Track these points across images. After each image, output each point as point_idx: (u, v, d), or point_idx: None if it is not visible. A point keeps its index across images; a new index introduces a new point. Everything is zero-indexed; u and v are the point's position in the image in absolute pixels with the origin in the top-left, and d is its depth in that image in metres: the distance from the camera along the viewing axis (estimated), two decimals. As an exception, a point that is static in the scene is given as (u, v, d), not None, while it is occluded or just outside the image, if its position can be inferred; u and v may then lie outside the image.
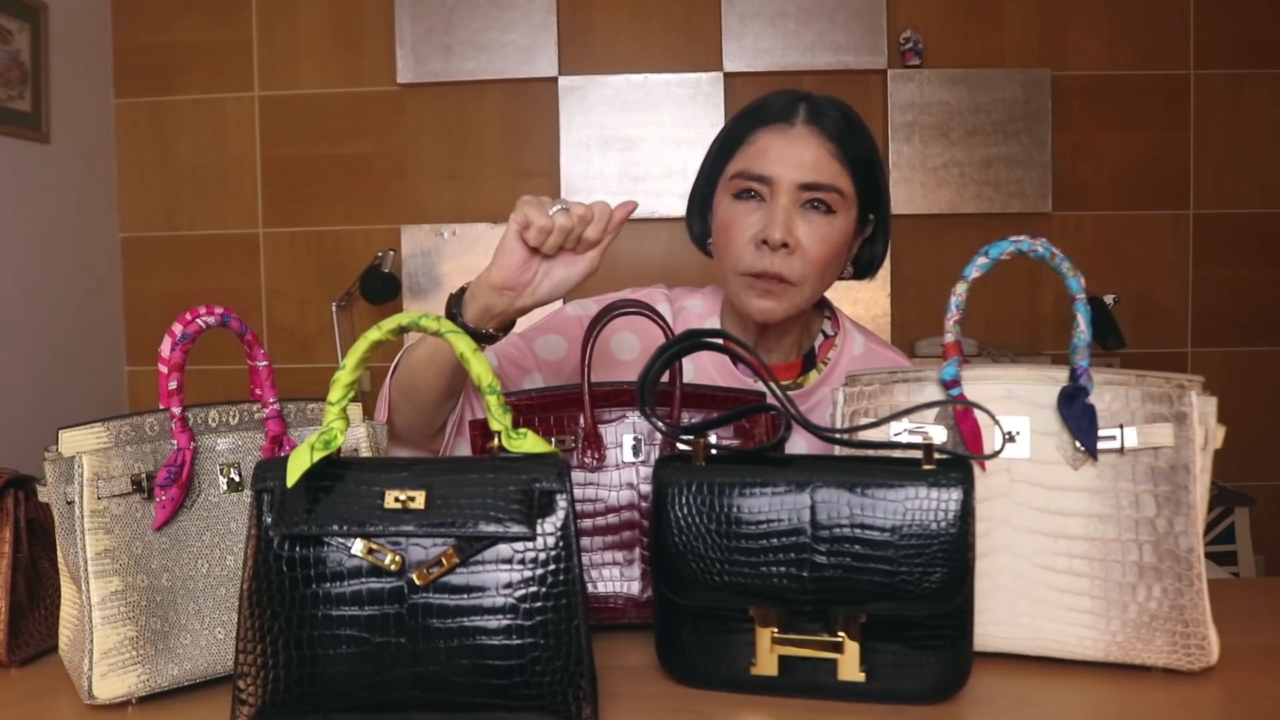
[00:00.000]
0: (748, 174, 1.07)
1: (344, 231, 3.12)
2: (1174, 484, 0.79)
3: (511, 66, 2.97)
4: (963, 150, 2.96)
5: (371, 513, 0.69)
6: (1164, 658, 0.78)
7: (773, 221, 1.04)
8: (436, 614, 0.68)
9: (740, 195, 1.07)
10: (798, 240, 1.05)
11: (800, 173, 1.05)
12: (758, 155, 1.07)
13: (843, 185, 1.07)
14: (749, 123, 1.10)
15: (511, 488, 0.70)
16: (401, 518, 0.69)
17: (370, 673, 0.68)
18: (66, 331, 2.87)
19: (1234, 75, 3.04)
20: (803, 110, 1.09)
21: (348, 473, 0.71)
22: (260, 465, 0.72)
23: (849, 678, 0.73)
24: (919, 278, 3.06)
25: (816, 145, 1.07)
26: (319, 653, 0.68)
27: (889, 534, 0.71)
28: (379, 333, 0.73)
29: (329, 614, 0.68)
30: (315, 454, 0.70)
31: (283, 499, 0.70)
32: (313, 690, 0.68)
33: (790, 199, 1.06)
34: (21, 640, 0.87)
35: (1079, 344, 0.80)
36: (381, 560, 0.68)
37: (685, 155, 3.03)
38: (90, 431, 0.78)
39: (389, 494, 0.70)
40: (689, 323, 1.19)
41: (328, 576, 0.69)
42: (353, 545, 0.69)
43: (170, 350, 0.79)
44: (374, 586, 0.69)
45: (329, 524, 0.69)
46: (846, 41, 2.96)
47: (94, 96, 3.06)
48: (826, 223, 1.06)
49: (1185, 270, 3.08)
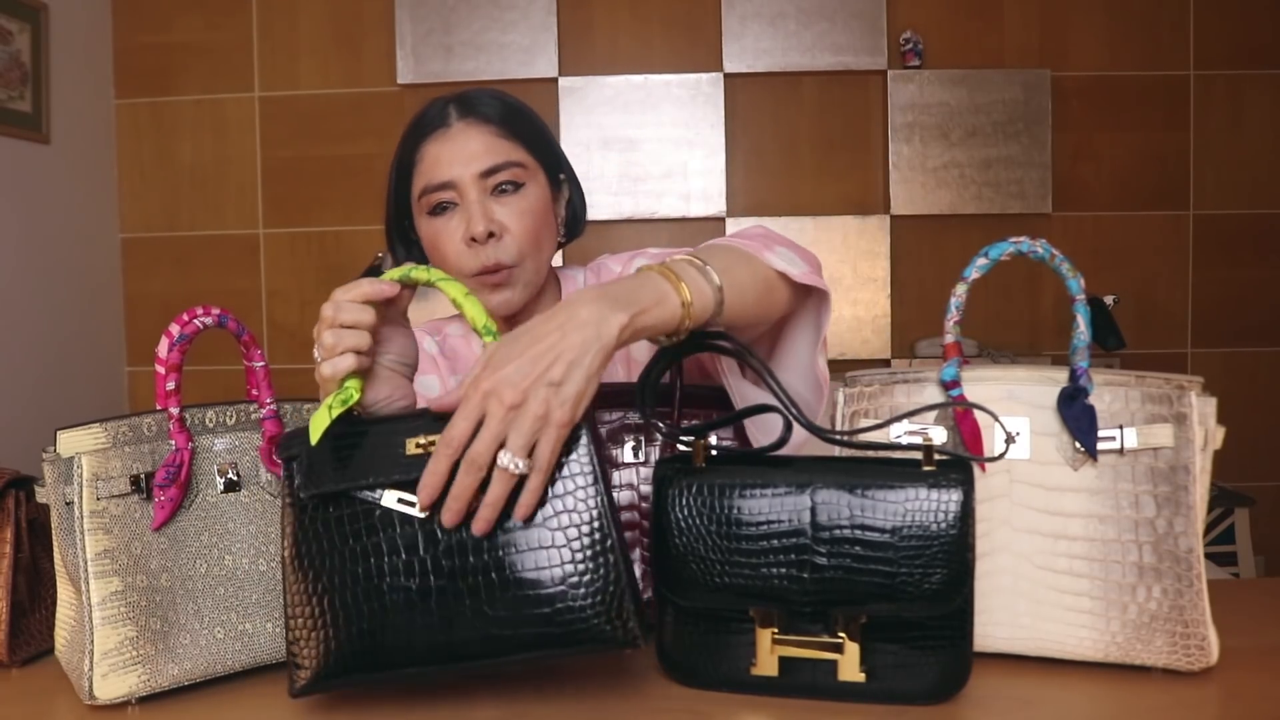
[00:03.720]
0: (430, 186, 1.08)
1: (344, 232, 3.12)
2: (1174, 485, 0.79)
3: (512, 67, 2.98)
4: (963, 151, 2.96)
5: (396, 462, 0.71)
6: (1164, 658, 0.78)
7: (471, 218, 1.06)
8: (471, 552, 0.69)
9: (434, 211, 1.08)
10: (501, 224, 1.07)
11: (475, 164, 1.07)
12: (431, 166, 1.08)
13: (519, 157, 1.09)
14: (411, 142, 1.11)
15: None
16: (425, 462, 0.70)
17: (414, 621, 0.69)
18: (66, 331, 2.87)
19: (1234, 76, 3.04)
20: (453, 110, 1.10)
21: (368, 429, 0.73)
22: (286, 436, 0.75)
23: (849, 678, 0.73)
24: (919, 278, 3.06)
25: (479, 133, 1.08)
26: (366, 607, 0.70)
27: (889, 535, 0.70)
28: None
29: (369, 567, 0.70)
30: (333, 411, 0.72)
31: (310, 462, 0.72)
32: (367, 645, 0.70)
33: (478, 191, 1.07)
34: (22, 640, 0.87)
35: (1079, 345, 0.80)
36: (411, 506, 0.70)
37: (685, 156, 3.03)
38: (88, 432, 0.78)
39: (409, 441, 0.71)
40: (458, 350, 1.20)
41: (363, 531, 0.71)
42: (382, 496, 0.71)
43: (168, 351, 0.79)
44: (408, 533, 0.70)
45: (357, 478, 0.71)
46: (846, 42, 2.96)
47: (94, 97, 3.06)
48: (520, 198, 1.08)
49: (1185, 270, 3.09)
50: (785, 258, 0.89)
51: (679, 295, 0.77)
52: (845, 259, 3.00)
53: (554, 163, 1.15)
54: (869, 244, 3.01)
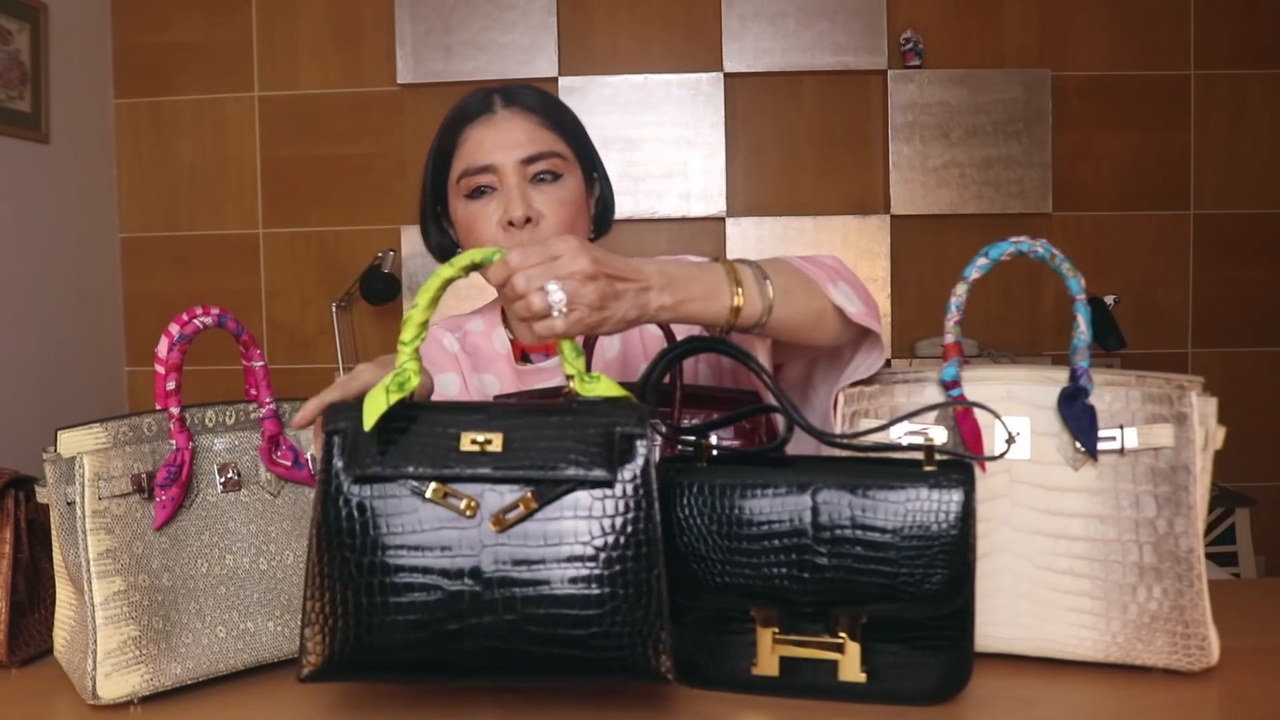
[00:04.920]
0: (471, 169, 1.09)
1: (344, 232, 3.12)
2: (1174, 485, 0.79)
3: (511, 67, 2.97)
4: (963, 151, 2.96)
5: (447, 455, 0.66)
6: (1164, 658, 0.78)
7: (510, 202, 1.07)
8: (512, 561, 0.65)
9: (473, 195, 1.10)
10: (539, 212, 1.08)
11: (518, 150, 1.08)
12: (473, 150, 1.10)
13: (559, 149, 1.11)
14: (454, 127, 1.13)
15: (591, 431, 0.67)
16: (478, 460, 0.66)
17: (442, 622, 0.65)
18: (66, 331, 2.87)
19: (1234, 75, 3.04)
20: (498, 99, 1.12)
21: (421, 414, 0.69)
22: (333, 408, 0.70)
23: (850, 678, 0.73)
24: (919, 278, 3.06)
25: (523, 122, 1.10)
26: (389, 600, 0.65)
27: (890, 535, 0.71)
28: (452, 269, 0.71)
29: (400, 561, 0.65)
30: (391, 396, 0.68)
31: (355, 442, 0.67)
32: (387, 641, 0.65)
33: (518, 177, 1.08)
34: (22, 640, 0.87)
35: (1079, 344, 0.80)
36: (456, 505, 0.66)
37: (685, 156, 3.03)
38: (89, 432, 0.78)
39: (465, 436, 0.67)
40: (479, 346, 1.21)
41: (400, 522, 0.66)
42: (427, 489, 0.66)
43: (167, 351, 0.79)
44: (448, 532, 0.66)
45: (403, 466, 0.66)
46: (846, 42, 2.96)
47: (94, 96, 3.06)
48: (559, 188, 1.10)
49: (1185, 270, 3.08)
50: (845, 294, 0.92)
51: (732, 299, 0.82)
52: (845, 259, 2.97)
53: (589, 159, 1.17)
54: (869, 244, 3.01)
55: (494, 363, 1.19)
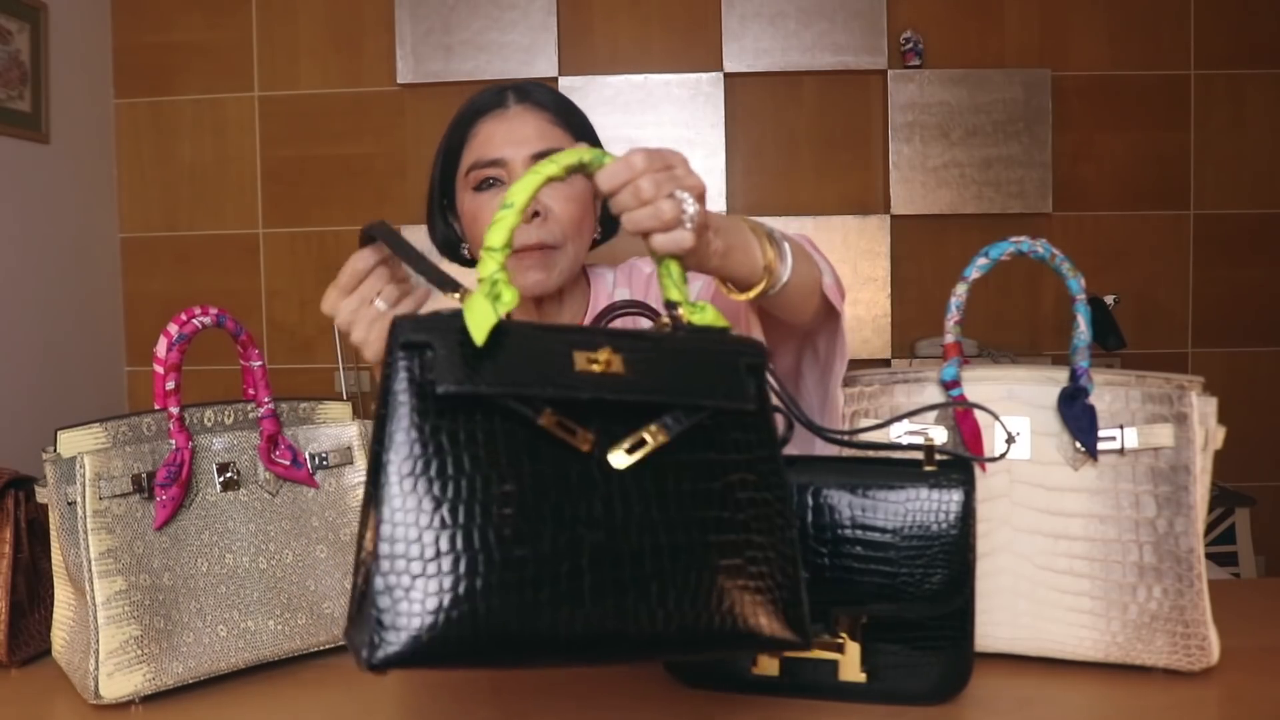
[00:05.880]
0: (481, 162, 1.10)
1: (344, 232, 3.12)
2: (1174, 485, 0.79)
3: (511, 67, 2.97)
4: (963, 150, 2.96)
5: (561, 374, 0.55)
6: (1164, 658, 0.78)
7: None
8: (638, 502, 0.55)
9: (481, 187, 1.10)
10: (547, 207, 1.08)
11: (528, 146, 1.09)
12: (484, 143, 1.10)
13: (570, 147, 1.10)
14: (466, 120, 1.13)
15: (715, 360, 0.59)
16: (600, 383, 0.55)
17: (560, 579, 0.52)
18: (66, 331, 2.87)
19: (1234, 75, 3.04)
20: (512, 95, 1.13)
21: (520, 330, 0.56)
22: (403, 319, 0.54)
23: (850, 678, 0.73)
24: (919, 278, 3.06)
25: (535, 118, 1.11)
26: (493, 555, 0.51)
27: (890, 535, 0.71)
28: (555, 167, 0.62)
29: (504, 505, 0.52)
30: (500, 307, 0.55)
31: (439, 357, 0.54)
32: (483, 606, 0.51)
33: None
34: (21, 640, 0.87)
35: (1079, 344, 0.80)
36: (572, 435, 0.54)
37: (685, 156, 3.02)
38: (89, 432, 0.78)
39: (578, 354, 0.56)
40: None
41: (501, 455, 0.53)
42: (537, 416, 0.54)
43: (166, 351, 0.79)
44: (561, 471, 0.54)
45: (504, 385, 0.53)
46: (846, 42, 2.96)
47: (94, 96, 3.06)
48: (567, 185, 1.10)
49: (1185, 270, 3.08)
50: (824, 266, 0.92)
51: (763, 258, 0.81)
52: (845, 259, 3.00)
53: None
54: (869, 244, 3.01)
55: None
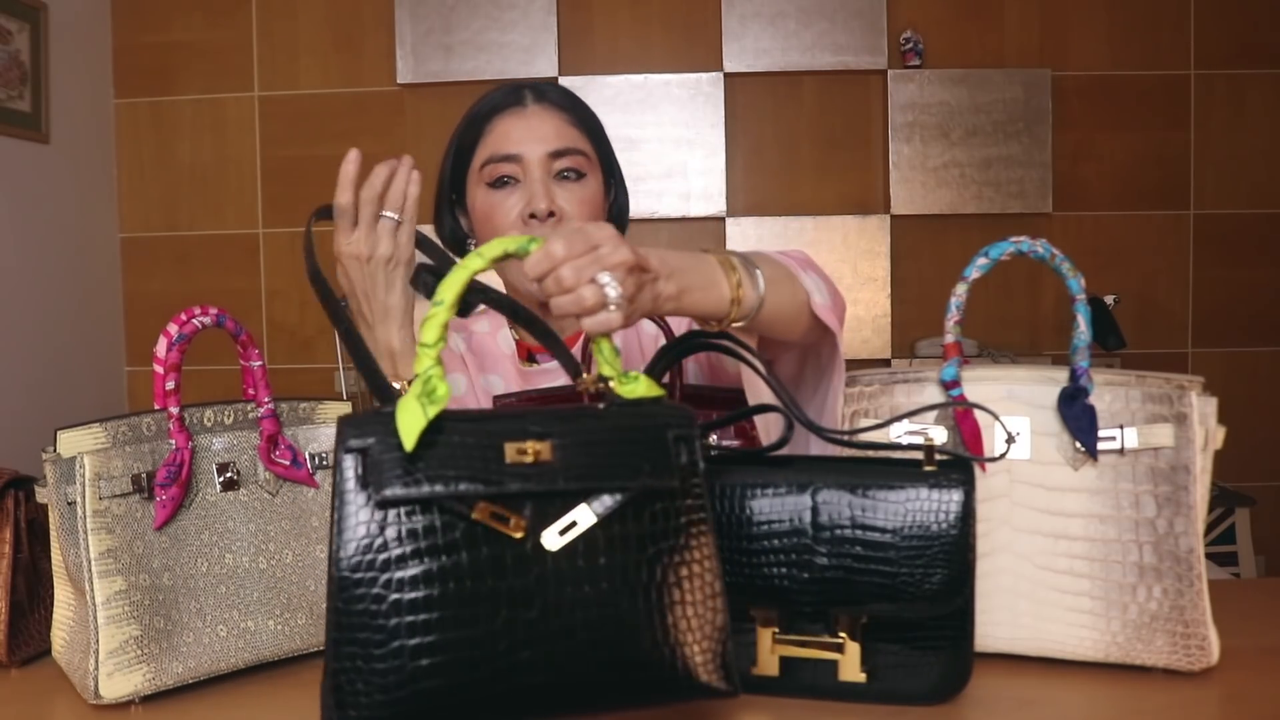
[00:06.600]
0: (496, 156, 1.09)
1: (344, 232, 3.12)
2: (1174, 484, 0.79)
3: (511, 67, 2.97)
4: (963, 150, 2.96)
5: (488, 468, 0.58)
6: (1164, 658, 0.78)
7: (534, 195, 1.07)
8: (571, 582, 0.58)
9: (495, 184, 1.10)
10: (561, 208, 1.08)
11: (545, 144, 1.09)
12: (500, 139, 1.10)
13: (585, 148, 1.12)
14: (483, 116, 1.13)
15: (643, 435, 0.62)
16: (528, 475, 0.58)
17: (498, 657, 0.57)
18: (66, 331, 2.87)
19: (1234, 75, 3.04)
20: (529, 94, 1.13)
21: (449, 424, 0.59)
22: (347, 421, 0.58)
23: (850, 678, 0.73)
24: (919, 278, 3.06)
25: (552, 117, 1.11)
26: (437, 638, 0.56)
27: (890, 535, 0.70)
28: (480, 260, 0.62)
29: (445, 592, 0.57)
30: (429, 412, 0.58)
31: (379, 460, 0.57)
32: (431, 685, 0.56)
33: (543, 171, 1.09)
34: (21, 640, 0.87)
35: (1079, 344, 0.80)
36: (505, 524, 0.58)
37: (685, 155, 3.03)
38: (89, 432, 0.78)
39: (508, 446, 0.59)
40: (485, 347, 1.20)
41: (440, 548, 0.57)
42: (471, 510, 0.58)
43: (166, 350, 0.79)
44: (496, 555, 0.58)
45: (438, 484, 0.57)
46: (846, 41, 2.96)
47: (94, 96, 3.06)
48: (581, 187, 1.10)
49: (1185, 270, 3.08)
50: (814, 284, 0.91)
51: (730, 289, 0.80)
52: (845, 259, 3.00)
53: (610, 163, 1.17)
54: (869, 244, 3.01)
55: (499, 363, 1.18)
